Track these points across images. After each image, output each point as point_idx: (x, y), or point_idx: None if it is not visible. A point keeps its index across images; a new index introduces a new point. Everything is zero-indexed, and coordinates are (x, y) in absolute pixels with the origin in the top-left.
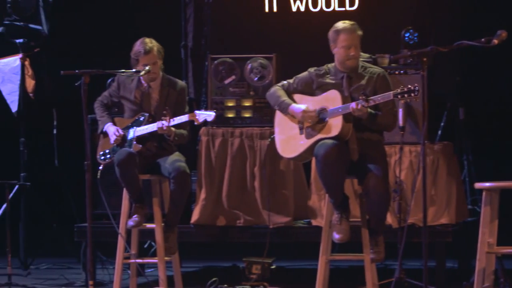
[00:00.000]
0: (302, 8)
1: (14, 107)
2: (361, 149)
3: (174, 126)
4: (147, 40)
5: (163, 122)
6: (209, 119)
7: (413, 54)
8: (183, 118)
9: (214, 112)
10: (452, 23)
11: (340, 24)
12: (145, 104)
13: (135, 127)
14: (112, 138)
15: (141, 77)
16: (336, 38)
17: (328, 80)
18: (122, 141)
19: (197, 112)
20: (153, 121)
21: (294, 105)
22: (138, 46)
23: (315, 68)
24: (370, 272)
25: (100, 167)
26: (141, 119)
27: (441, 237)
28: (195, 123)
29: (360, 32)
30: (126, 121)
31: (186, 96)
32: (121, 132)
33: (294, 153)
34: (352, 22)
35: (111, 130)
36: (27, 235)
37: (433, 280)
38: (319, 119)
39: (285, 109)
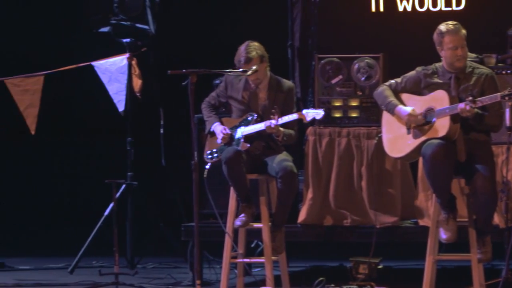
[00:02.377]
0: (409, 8)
1: (121, 107)
2: (468, 149)
3: (282, 126)
4: (250, 47)
5: (272, 121)
6: (318, 117)
7: None
8: (292, 116)
9: (323, 110)
10: None
11: (443, 26)
12: (253, 104)
13: (243, 127)
14: (219, 136)
15: (249, 78)
16: (441, 40)
17: (435, 80)
18: (230, 140)
19: (305, 110)
20: (261, 121)
21: (400, 107)
22: (239, 53)
23: (423, 67)
24: (477, 272)
25: (207, 166)
26: (249, 118)
27: None
28: (304, 122)
29: (464, 32)
30: (234, 121)
31: (294, 96)
32: (228, 131)
33: (401, 152)
34: (454, 23)
35: (218, 129)
36: (134, 234)
37: None
38: (425, 121)
39: (391, 110)
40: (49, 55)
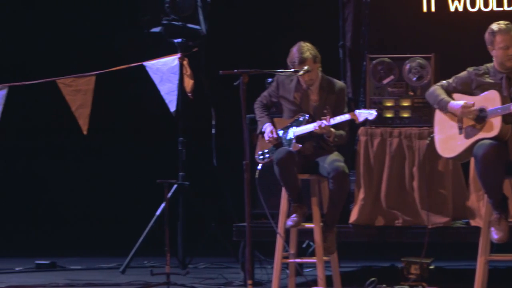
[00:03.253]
0: (460, 8)
1: (172, 107)
2: None
3: (333, 126)
4: (303, 48)
5: (323, 121)
6: (370, 118)
7: None
8: (344, 117)
9: (376, 111)
10: None
11: (495, 26)
12: (304, 105)
13: (294, 127)
14: (266, 137)
15: (301, 79)
16: (492, 40)
17: (487, 80)
18: (277, 142)
19: (358, 111)
20: (313, 122)
21: (453, 102)
22: (293, 54)
23: (474, 67)
24: None
25: (259, 167)
26: (300, 119)
27: None
28: (356, 122)
29: None
30: (285, 122)
31: (345, 97)
32: (275, 134)
33: (453, 153)
34: (506, 22)
35: (268, 130)
36: (186, 234)
37: None
38: (478, 118)
39: (444, 107)
40: (100, 55)
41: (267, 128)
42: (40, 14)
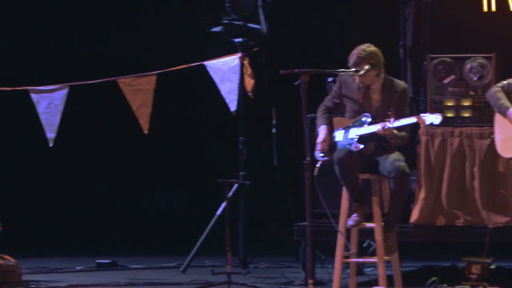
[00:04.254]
0: None
1: (233, 106)
2: None
3: (395, 128)
4: (362, 50)
5: (387, 123)
6: (436, 122)
7: None
8: (410, 120)
9: (441, 115)
10: None
11: None
12: (367, 105)
13: (356, 128)
14: (318, 146)
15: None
16: None
17: None
18: (328, 150)
19: (423, 115)
20: (375, 123)
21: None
22: (350, 55)
23: None
24: None
25: (318, 165)
26: (363, 119)
27: None
28: (421, 126)
29: None
30: (347, 121)
31: (407, 97)
32: (326, 145)
33: None
34: None
35: (320, 136)
36: (247, 233)
37: None
38: None
39: (503, 113)
40: (161, 54)
41: (320, 133)
42: (101, 13)
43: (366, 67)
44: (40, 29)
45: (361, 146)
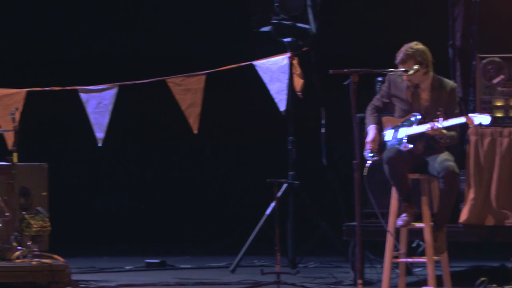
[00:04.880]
0: None
1: (282, 106)
2: None
3: (445, 128)
4: (409, 48)
5: (436, 123)
6: (485, 123)
7: None
8: (459, 120)
9: (490, 115)
10: None
11: None
12: (416, 105)
13: (405, 127)
14: (367, 146)
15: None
16: None
17: None
18: (378, 150)
19: (472, 114)
20: (424, 122)
21: None
22: (399, 52)
23: None
24: None
25: (367, 164)
26: (412, 119)
27: None
28: (470, 126)
29: None
30: (396, 120)
31: (456, 97)
32: (376, 145)
33: None
34: None
35: (370, 136)
36: (296, 233)
37: None
38: None
39: None
40: (210, 54)
41: (370, 133)
42: (151, 14)
43: (415, 67)
44: (90, 29)
45: (411, 146)
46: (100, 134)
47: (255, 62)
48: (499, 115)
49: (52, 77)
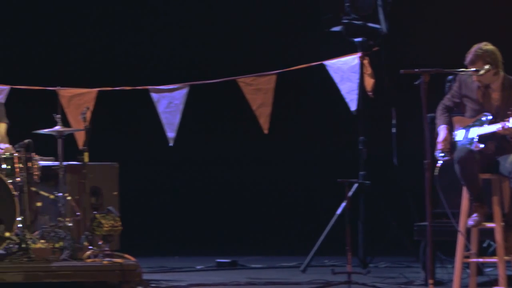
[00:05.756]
0: None
1: (353, 106)
2: None
3: None
4: (478, 49)
5: (507, 123)
6: None
7: None
8: None
9: None
10: None
11: None
12: (486, 104)
13: (476, 127)
14: (439, 146)
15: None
16: None
17: None
18: (449, 150)
19: None
20: (495, 122)
21: None
22: (469, 52)
23: None
24: None
25: (438, 164)
26: (483, 119)
27: None
28: None
29: None
30: (467, 120)
31: None
32: (446, 145)
33: None
34: None
35: (441, 136)
36: (366, 233)
37: None
38: None
39: None
40: (281, 54)
41: (441, 133)
42: (220, 14)
43: (486, 67)
44: (161, 30)
45: (482, 146)
46: (171, 133)
47: (326, 62)
48: None
49: (123, 76)
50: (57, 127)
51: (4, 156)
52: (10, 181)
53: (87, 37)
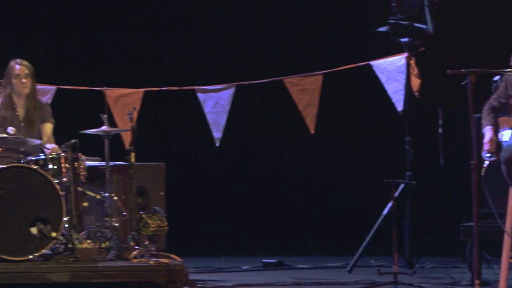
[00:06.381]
0: None
1: (399, 106)
2: None
3: None
4: None
5: None
6: None
7: None
8: None
9: None
10: None
11: None
12: None
13: None
14: (485, 146)
15: None
16: None
17: None
18: (496, 149)
19: None
20: None
21: None
22: None
23: None
24: None
25: (485, 165)
26: None
27: None
28: None
29: None
30: None
31: None
32: (492, 145)
33: None
34: None
35: (487, 136)
36: (413, 233)
37: None
38: None
39: None
40: (327, 54)
41: (487, 133)
42: (267, 15)
43: None
44: (207, 30)
45: None
46: (217, 134)
47: (372, 62)
48: None
49: (169, 77)
50: (104, 127)
51: (51, 156)
52: (57, 181)
53: (134, 38)
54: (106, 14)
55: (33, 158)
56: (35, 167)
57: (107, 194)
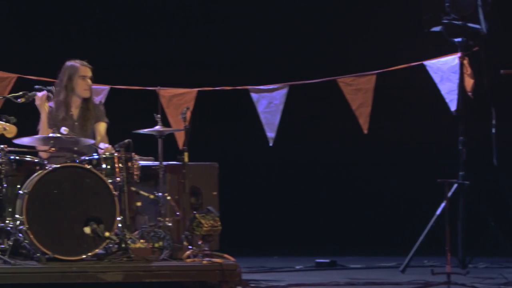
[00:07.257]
0: None
1: (453, 106)
2: None
3: None
4: None
5: None
6: None
7: None
8: None
9: None
10: None
11: None
12: None
13: None
14: None
15: None
16: None
17: None
18: None
19: None
20: None
21: None
22: None
23: None
24: None
25: None
26: None
27: None
28: None
29: None
30: None
31: None
32: None
33: None
34: None
35: None
36: (466, 233)
37: None
38: None
39: None
40: (381, 54)
41: None
42: (319, 14)
43: None
44: (261, 29)
45: None
46: (271, 133)
47: (426, 62)
48: None
49: (223, 76)
50: (157, 127)
51: (104, 156)
52: (110, 180)
53: (187, 37)
54: (160, 15)
55: (87, 158)
56: (88, 166)
57: (160, 194)
